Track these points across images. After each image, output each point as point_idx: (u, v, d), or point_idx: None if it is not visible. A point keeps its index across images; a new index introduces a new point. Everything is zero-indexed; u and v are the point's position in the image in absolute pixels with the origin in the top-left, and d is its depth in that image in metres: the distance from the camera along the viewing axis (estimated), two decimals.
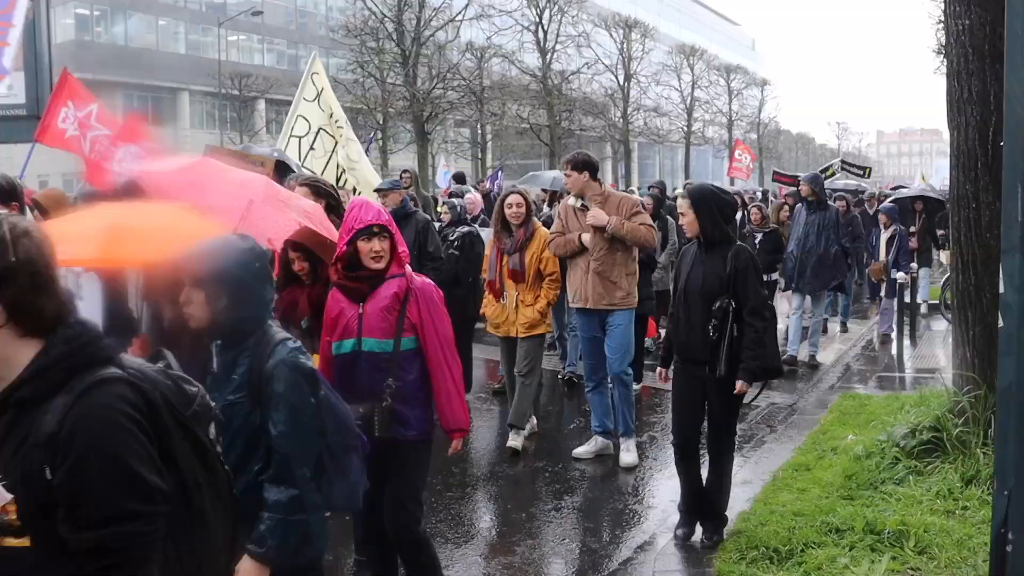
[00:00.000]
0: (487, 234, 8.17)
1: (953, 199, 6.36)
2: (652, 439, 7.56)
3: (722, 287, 4.98)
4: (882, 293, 12.32)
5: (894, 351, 11.31)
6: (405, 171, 12.61)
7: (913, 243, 12.64)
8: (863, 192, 18.22)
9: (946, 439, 5.92)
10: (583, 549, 5.43)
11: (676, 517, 5.45)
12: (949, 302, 9.00)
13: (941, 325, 12.89)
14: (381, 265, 4.05)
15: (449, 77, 37.04)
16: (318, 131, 9.21)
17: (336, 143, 9.31)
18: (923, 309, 13.56)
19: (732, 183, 25.11)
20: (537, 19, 43.62)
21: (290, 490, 2.99)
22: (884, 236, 12.04)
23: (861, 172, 23.44)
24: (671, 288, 5.40)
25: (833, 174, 21.13)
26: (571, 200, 6.87)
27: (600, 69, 48.54)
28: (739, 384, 4.95)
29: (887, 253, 11.88)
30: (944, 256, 14.91)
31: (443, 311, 4.16)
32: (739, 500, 5.70)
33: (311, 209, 4.92)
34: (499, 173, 20.36)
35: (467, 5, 37.35)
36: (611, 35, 51.49)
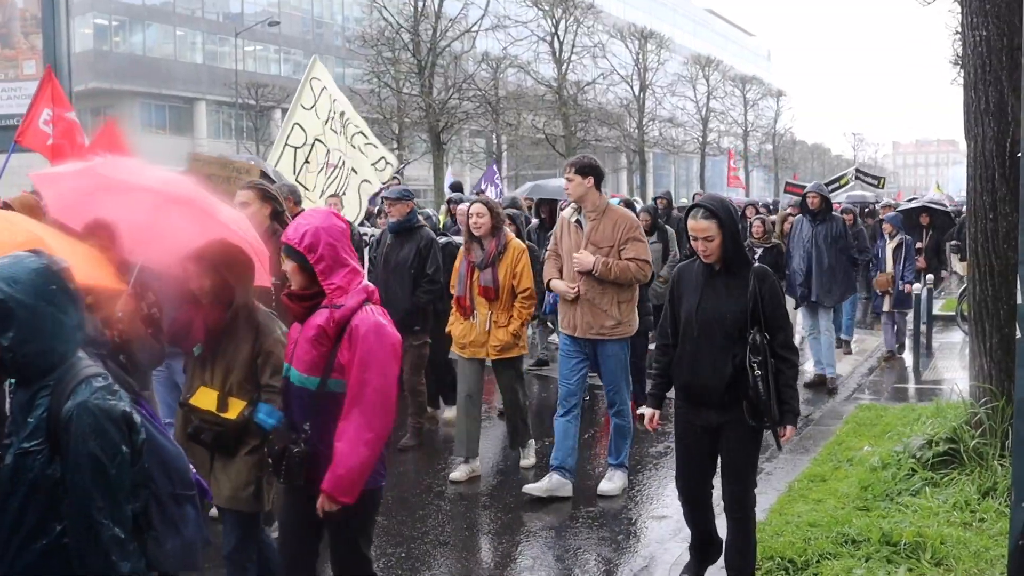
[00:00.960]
0: None
1: (970, 210, 6.36)
2: (669, 448, 7.54)
3: (746, 316, 4.26)
4: (885, 307, 11.58)
5: (909, 363, 11.21)
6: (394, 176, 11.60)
7: (920, 262, 11.97)
8: (875, 203, 18.02)
9: (963, 450, 5.90)
10: (596, 559, 5.42)
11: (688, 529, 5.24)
12: (966, 313, 8.92)
13: (956, 337, 12.82)
14: (294, 287, 3.63)
15: (465, 87, 37.22)
16: (313, 143, 8.76)
17: (328, 150, 8.85)
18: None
19: (748, 194, 25.05)
20: (553, 30, 43.85)
21: (96, 556, 2.52)
22: (890, 246, 11.49)
23: (875, 182, 23.26)
24: (666, 315, 4.63)
25: (847, 183, 20.97)
26: (567, 212, 6.39)
27: (615, 80, 48.71)
28: (789, 430, 4.33)
29: (894, 264, 11.36)
30: (960, 267, 14.75)
31: (384, 360, 3.51)
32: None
33: (240, 220, 4.17)
34: (493, 169, 18.01)
35: (483, 16, 37.52)
36: (626, 46, 51.68)
